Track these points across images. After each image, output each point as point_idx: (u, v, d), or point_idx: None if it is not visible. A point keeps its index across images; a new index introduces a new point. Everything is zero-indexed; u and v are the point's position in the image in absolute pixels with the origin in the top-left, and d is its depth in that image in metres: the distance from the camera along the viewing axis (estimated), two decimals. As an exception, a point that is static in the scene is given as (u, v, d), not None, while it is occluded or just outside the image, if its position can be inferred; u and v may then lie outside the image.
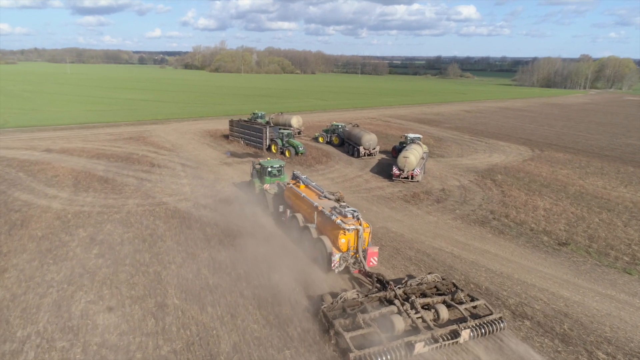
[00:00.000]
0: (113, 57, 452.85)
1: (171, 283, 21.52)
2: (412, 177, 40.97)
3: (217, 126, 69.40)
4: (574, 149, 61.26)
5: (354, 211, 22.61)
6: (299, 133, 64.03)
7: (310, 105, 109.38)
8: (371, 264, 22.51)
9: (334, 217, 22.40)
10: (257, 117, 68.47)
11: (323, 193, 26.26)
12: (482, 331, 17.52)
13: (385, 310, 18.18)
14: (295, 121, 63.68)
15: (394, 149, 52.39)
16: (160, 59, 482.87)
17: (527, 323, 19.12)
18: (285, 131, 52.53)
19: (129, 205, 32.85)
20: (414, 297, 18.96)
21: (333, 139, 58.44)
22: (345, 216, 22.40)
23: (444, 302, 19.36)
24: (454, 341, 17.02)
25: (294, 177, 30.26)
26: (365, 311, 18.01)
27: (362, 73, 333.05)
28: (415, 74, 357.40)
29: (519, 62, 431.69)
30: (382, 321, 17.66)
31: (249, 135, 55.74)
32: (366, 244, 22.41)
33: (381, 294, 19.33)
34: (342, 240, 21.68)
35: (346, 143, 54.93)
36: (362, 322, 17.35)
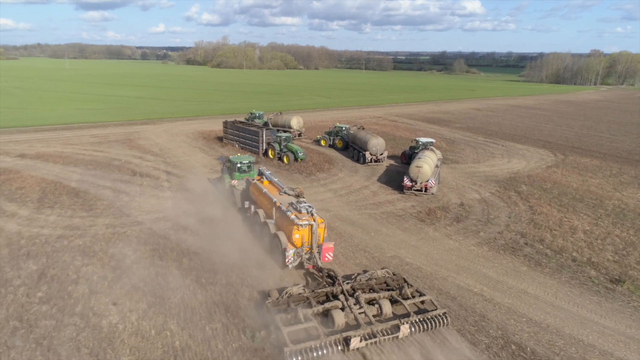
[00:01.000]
0: (116, 52, 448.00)
1: (126, 344, 16.73)
2: (426, 189, 36.04)
3: (212, 127, 64.49)
4: (600, 152, 56.04)
5: (309, 207, 22.83)
6: (299, 135, 59.12)
7: (313, 103, 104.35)
8: (326, 259, 22.48)
9: (289, 213, 22.65)
10: (255, 118, 63.58)
11: (283, 189, 26.58)
12: (424, 326, 17.57)
13: (329, 305, 18.38)
14: (296, 122, 58.71)
15: (404, 154, 47.39)
16: (163, 54, 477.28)
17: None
18: (284, 134, 47.58)
19: (97, 226, 28.08)
20: (359, 293, 19.04)
21: (336, 142, 53.51)
22: (300, 212, 22.57)
23: (390, 297, 19.35)
24: (393, 336, 17.07)
25: (259, 173, 31.02)
26: (309, 306, 18.09)
27: (366, 68, 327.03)
28: (420, 69, 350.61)
29: (524, 57, 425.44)
30: (323, 316, 18.13)
31: (244, 138, 50.87)
32: (321, 240, 22.47)
33: (328, 289, 19.42)
34: (296, 236, 21.94)
35: (351, 147, 49.97)
36: (302, 317, 17.40)
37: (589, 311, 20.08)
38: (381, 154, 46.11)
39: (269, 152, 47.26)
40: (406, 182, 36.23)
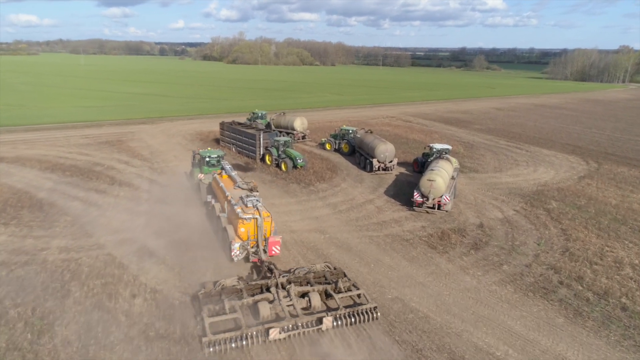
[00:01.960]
0: (135, 48, 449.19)
1: None
2: (439, 206, 31.15)
3: (213, 127, 60.08)
4: (638, 160, 50.11)
5: (257, 201, 22.89)
6: (303, 138, 54.52)
7: (324, 101, 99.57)
8: (273, 252, 22.65)
9: (236, 207, 22.73)
10: (257, 118, 59.22)
11: (237, 182, 26.52)
12: (350, 320, 17.76)
13: (259, 297, 18.58)
14: (299, 124, 54.09)
15: (416, 161, 42.40)
16: (181, 50, 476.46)
17: None
18: (282, 138, 42.99)
19: (50, 249, 24.02)
20: (291, 286, 19.23)
21: (342, 146, 48.78)
22: (246, 205, 22.63)
23: (325, 291, 19.36)
24: (316, 328, 17.34)
25: (221, 167, 31.29)
26: (241, 298, 18.36)
27: (383, 65, 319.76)
28: (439, 66, 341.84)
29: (547, 53, 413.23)
30: (250, 308, 18.39)
31: (241, 142, 46.51)
32: (268, 233, 22.59)
33: (263, 281, 19.66)
34: (242, 229, 22.09)
35: (357, 152, 45.19)
36: (227, 308, 17.68)
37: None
38: (390, 161, 41.20)
39: (267, 157, 42.80)
40: (416, 197, 31.37)
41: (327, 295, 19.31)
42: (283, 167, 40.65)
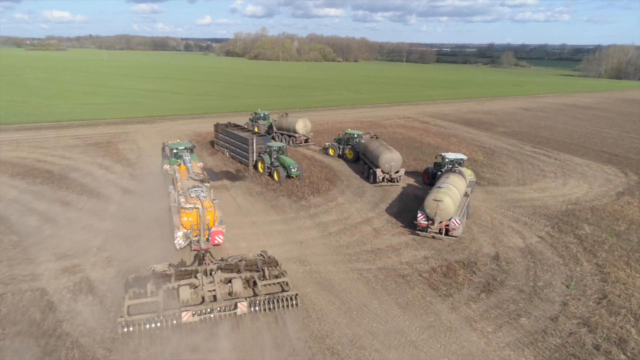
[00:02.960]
0: (160, 44, 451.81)
1: None
2: (447, 230, 26.24)
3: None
4: (686, 172, 43.76)
5: (202, 191, 23.30)
6: (306, 141, 50.03)
7: (340, 100, 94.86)
8: (216, 242, 23.47)
9: (181, 197, 23.01)
10: (259, 118, 55.15)
11: (190, 174, 26.54)
12: (268, 305, 18.52)
13: (184, 282, 18.88)
14: (302, 126, 49.58)
15: (427, 172, 37.39)
16: (205, 45, 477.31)
17: None
18: (276, 144, 38.58)
19: (-26, 280, 20.31)
20: (215, 272, 19.61)
21: (346, 152, 44.09)
22: (190, 196, 23.00)
23: (252, 278, 19.91)
24: (231, 312, 18.11)
25: (180, 157, 31.99)
26: (168, 282, 18.74)
27: (407, 61, 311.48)
28: (465, 62, 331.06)
29: (579, 50, 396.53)
30: (174, 292, 18.56)
31: (234, 146, 42.34)
32: (211, 223, 23.08)
33: (193, 268, 20.32)
34: (185, 219, 22.63)
35: (361, 160, 40.48)
36: (149, 292, 18.07)
37: None
38: (396, 171, 36.31)
39: (259, 165, 38.52)
40: (420, 219, 26.50)
41: (255, 283, 19.84)
42: (275, 176, 36.28)
